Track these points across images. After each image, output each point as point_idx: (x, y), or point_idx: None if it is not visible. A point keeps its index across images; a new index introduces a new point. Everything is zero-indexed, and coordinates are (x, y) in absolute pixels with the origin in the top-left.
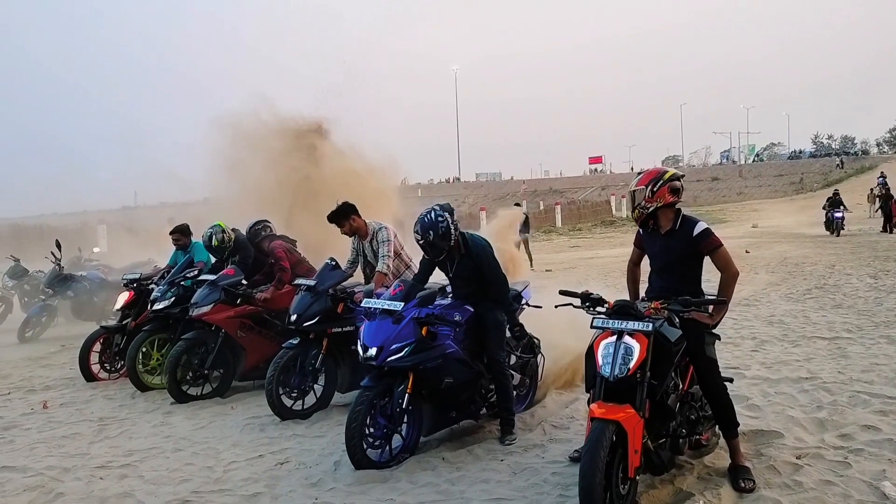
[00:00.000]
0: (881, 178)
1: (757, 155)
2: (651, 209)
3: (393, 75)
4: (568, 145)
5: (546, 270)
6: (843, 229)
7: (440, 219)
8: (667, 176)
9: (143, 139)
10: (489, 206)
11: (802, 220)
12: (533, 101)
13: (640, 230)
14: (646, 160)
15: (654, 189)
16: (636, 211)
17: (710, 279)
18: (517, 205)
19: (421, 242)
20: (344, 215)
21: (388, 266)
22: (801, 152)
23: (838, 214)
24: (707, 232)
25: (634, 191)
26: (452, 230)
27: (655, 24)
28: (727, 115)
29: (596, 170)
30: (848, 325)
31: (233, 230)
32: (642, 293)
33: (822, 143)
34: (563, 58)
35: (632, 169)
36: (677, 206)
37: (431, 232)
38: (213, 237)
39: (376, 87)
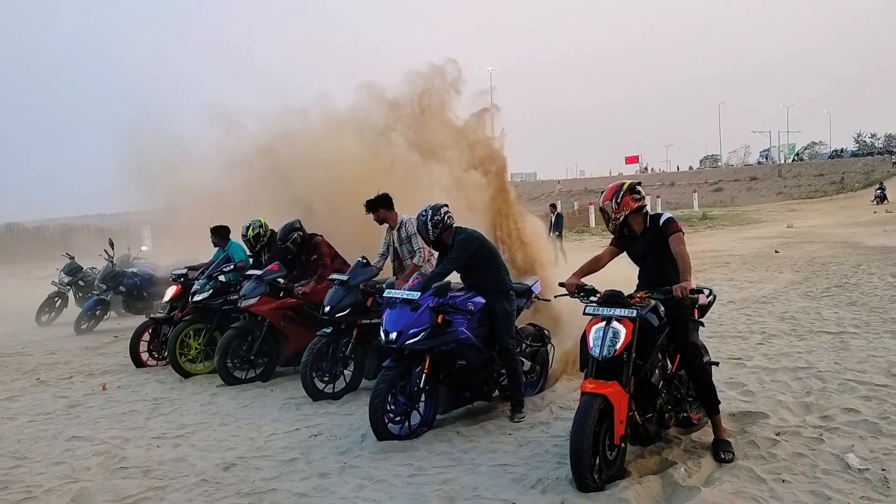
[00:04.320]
0: None
1: (797, 154)
2: (622, 218)
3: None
4: (604, 145)
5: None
6: None
7: (428, 210)
8: (625, 187)
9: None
10: (523, 207)
11: (840, 220)
12: (569, 100)
13: (619, 238)
14: (684, 159)
15: (619, 200)
16: (610, 224)
17: (733, 281)
18: (553, 206)
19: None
20: (373, 205)
21: (424, 257)
22: (842, 151)
23: None
24: (672, 219)
25: (602, 207)
26: (431, 219)
27: (695, 20)
28: (767, 114)
29: (645, 169)
30: (857, 321)
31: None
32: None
33: (864, 141)
34: (598, 56)
35: (677, 168)
36: (644, 211)
37: (422, 217)
38: (251, 228)
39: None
